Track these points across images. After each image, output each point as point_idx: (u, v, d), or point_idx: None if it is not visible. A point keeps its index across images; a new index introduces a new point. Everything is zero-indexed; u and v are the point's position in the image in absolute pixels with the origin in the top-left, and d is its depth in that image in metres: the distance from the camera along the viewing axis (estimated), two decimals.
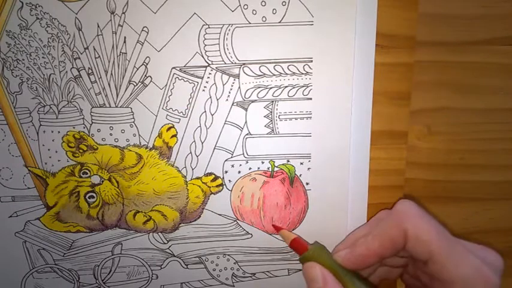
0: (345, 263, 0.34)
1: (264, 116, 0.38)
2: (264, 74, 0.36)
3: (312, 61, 0.36)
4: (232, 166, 0.39)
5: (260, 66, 0.36)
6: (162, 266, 0.41)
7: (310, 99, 0.37)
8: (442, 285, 0.31)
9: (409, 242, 0.31)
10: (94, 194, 0.38)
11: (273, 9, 0.35)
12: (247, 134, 0.38)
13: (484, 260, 0.31)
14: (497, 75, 0.39)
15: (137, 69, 0.36)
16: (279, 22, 0.35)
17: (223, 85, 0.37)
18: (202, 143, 0.38)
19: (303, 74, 0.36)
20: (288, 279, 0.42)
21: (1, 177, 0.38)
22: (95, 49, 0.35)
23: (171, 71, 0.36)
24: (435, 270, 0.31)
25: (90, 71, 0.36)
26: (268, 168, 0.39)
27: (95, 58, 0.35)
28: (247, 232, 0.41)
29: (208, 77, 0.36)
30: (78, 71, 0.36)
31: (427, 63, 0.38)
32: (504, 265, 0.32)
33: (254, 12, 0.35)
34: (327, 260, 0.35)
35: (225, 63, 0.36)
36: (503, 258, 0.32)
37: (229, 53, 0.36)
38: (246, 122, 0.38)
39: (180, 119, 0.37)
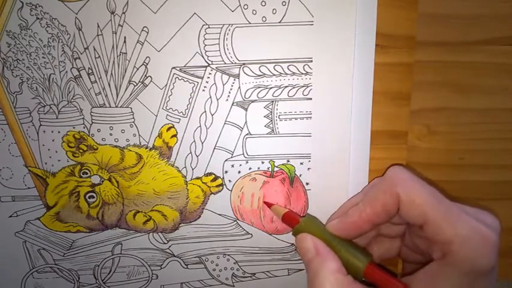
0: (337, 232, 0.33)
1: (264, 116, 0.38)
2: (264, 74, 0.36)
3: (312, 61, 0.36)
4: (232, 166, 0.39)
5: (260, 66, 0.36)
6: (162, 266, 0.41)
7: (310, 99, 0.37)
8: (441, 247, 0.30)
9: (402, 207, 0.31)
10: (94, 194, 0.38)
11: (273, 9, 0.35)
12: (247, 134, 0.38)
13: (481, 220, 0.30)
14: (497, 75, 0.39)
15: (137, 69, 0.36)
16: (279, 22, 0.35)
17: (223, 85, 0.37)
18: (202, 143, 0.38)
19: (303, 74, 0.36)
20: (288, 279, 0.42)
21: (1, 177, 0.38)
22: (95, 49, 0.35)
23: (171, 71, 0.36)
24: (431, 232, 0.30)
25: (90, 71, 0.36)
26: (268, 168, 0.39)
27: (95, 58, 0.35)
28: (247, 232, 0.41)
29: (208, 77, 0.36)
30: (78, 71, 0.36)
31: (427, 63, 0.38)
32: (501, 226, 0.31)
33: (254, 12, 0.35)
34: (319, 230, 0.34)
35: (225, 63, 0.36)
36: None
37: (229, 53, 0.36)
38: (246, 122, 0.38)
39: (180, 119, 0.37)
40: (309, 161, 0.39)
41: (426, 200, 0.30)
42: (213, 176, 0.39)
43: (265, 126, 0.38)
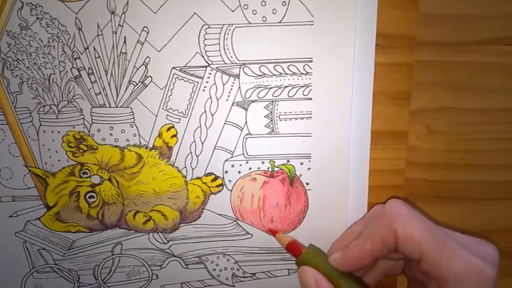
0: (339, 266, 0.34)
1: (264, 116, 0.38)
2: (264, 74, 0.36)
3: (312, 61, 0.36)
4: (232, 166, 0.39)
5: (260, 66, 0.36)
6: (162, 266, 0.41)
7: (310, 99, 0.37)
8: (437, 282, 0.31)
9: (399, 242, 0.31)
10: (94, 194, 0.38)
11: (273, 9, 0.35)
12: (247, 134, 0.38)
13: (479, 253, 0.31)
14: (497, 75, 0.39)
15: (137, 69, 0.36)
16: (279, 22, 0.35)
17: (223, 85, 0.37)
18: (202, 143, 0.38)
19: (303, 74, 0.36)
20: (288, 279, 0.42)
21: (1, 177, 0.38)
22: (95, 49, 0.35)
23: (171, 71, 0.36)
24: (428, 268, 0.31)
25: (90, 71, 0.36)
26: (268, 168, 0.39)
27: (95, 58, 0.35)
28: (247, 232, 0.41)
29: (209, 77, 0.36)
30: (78, 71, 0.36)
31: (427, 63, 0.38)
32: (500, 257, 0.31)
33: (254, 12, 0.35)
34: (321, 263, 0.35)
35: (225, 63, 0.36)
36: (503, 258, 0.32)
37: (229, 53, 0.36)
38: (246, 122, 0.38)
39: (180, 119, 0.37)
40: (309, 161, 0.39)
41: (423, 236, 0.31)
42: (213, 176, 0.39)
43: (265, 126, 0.38)
